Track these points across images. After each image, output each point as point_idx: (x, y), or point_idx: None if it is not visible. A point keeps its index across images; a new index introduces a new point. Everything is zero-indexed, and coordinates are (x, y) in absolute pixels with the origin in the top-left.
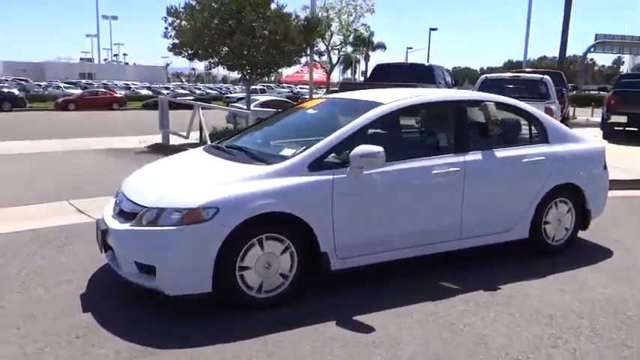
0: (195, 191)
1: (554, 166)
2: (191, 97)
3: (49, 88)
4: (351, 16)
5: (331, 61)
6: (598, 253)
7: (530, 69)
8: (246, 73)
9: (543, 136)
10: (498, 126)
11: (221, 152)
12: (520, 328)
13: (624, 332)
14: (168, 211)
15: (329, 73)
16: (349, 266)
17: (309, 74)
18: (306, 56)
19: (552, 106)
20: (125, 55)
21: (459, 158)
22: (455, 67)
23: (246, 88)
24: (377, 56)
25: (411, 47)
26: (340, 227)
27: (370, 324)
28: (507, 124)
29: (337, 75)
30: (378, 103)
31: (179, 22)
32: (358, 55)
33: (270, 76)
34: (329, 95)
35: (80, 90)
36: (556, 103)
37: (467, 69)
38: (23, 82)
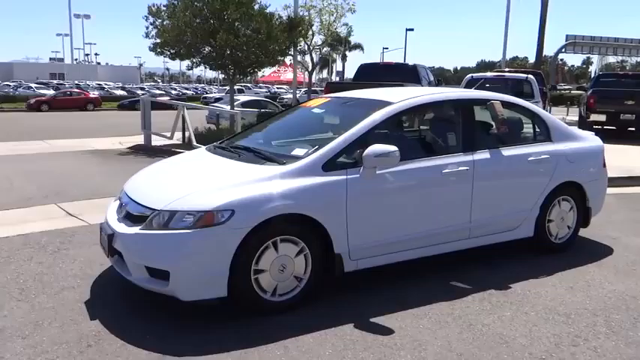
0: (209, 193)
1: (558, 164)
2: (167, 98)
3: (20, 89)
4: (332, 15)
5: (313, 60)
6: (598, 250)
7: (508, 69)
8: (229, 73)
9: (547, 135)
10: (505, 124)
11: (227, 152)
12: (538, 327)
13: None
14: (180, 214)
15: (311, 73)
16: (362, 267)
17: (293, 73)
18: (288, 55)
19: (537, 106)
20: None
21: (468, 157)
22: (429, 67)
23: (229, 88)
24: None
25: (387, 47)
26: (354, 228)
27: (389, 325)
28: (512, 122)
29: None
30: (387, 102)
31: (161, 21)
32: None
33: (253, 75)
34: (332, 95)
35: (52, 90)
36: (540, 102)
37: (441, 68)
38: None
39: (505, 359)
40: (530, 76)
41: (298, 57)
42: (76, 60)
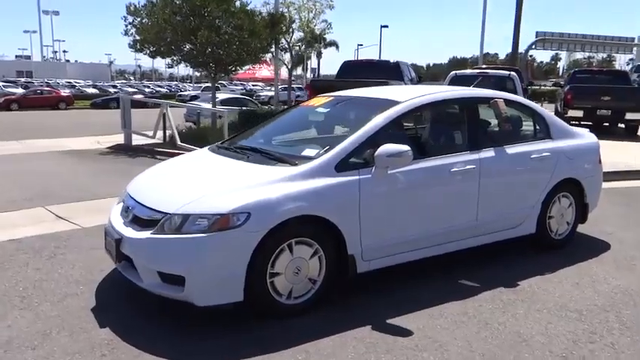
0: (222, 196)
1: (559, 161)
2: (141, 96)
3: None
4: (311, 12)
5: (292, 57)
6: (596, 245)
7: (485, 65)
8: (211, 70)
9: (547, 132)
10: (507, 122)
11: (233, 153)
12: (553, 324)
13: None
14: (193, 218)
15: (291, 70)
16: (374, 268)
17: (274, 71)
18: (269, 53)
19: None
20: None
21: (474, 155)
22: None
23: (211, 85)
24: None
25: (361, 44)
26: (367, 228)
27: (406, 327)
28: (514, 120)
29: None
30: (395, 101)
31: (140, 19)
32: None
33: (234, 73)
34: (334, 93)
35: (21, 89)
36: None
37: (414, 65)
38: None
39: (527, 358)
40: (512, 73)
41: (282, 53)
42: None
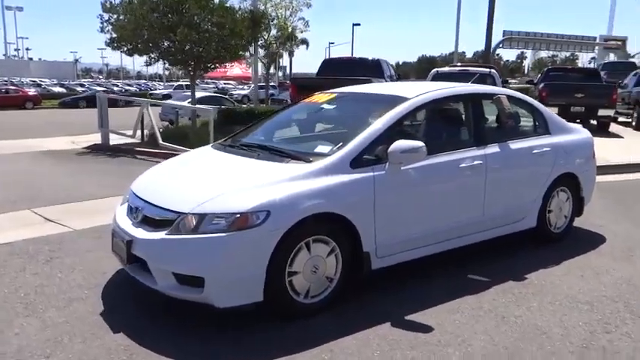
0: (239, 194)
1: (558, 156)
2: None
3: None
4: (288, 10)
5: (270, 55)
6: (591, 238)
7: (460, 63)
8: (190, 69)
9: (545, 128)
10: (511, 118)
11: (241, 151)
12: (568, 316)
13: None
14: (210, 217)
15: (268, 68)
16: (387, 265)
17: (254, 69)
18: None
19: None
20: (28, 49)
21: (481, 151)
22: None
23: (191, 84)
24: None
25: (332, 42)
26: (381, 225)
27: (425, 322)
28: (515, 116)
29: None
30: (404, 97)
31: (116, 16)
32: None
33: (213, 70)
34: (337, 90)
35: None
36: None
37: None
38: None
39: (549, 350)
40: (493, 70)
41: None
42: (4, 55)
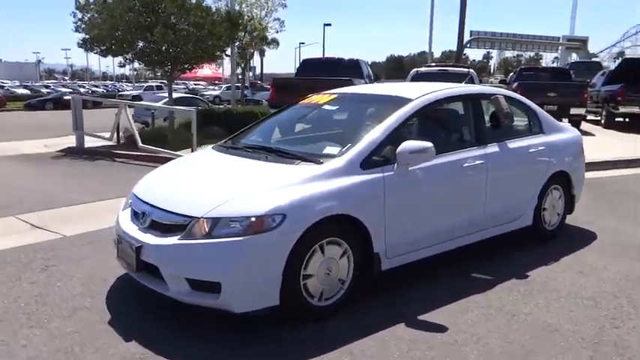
0: (253, 197)
1: (552, 154)
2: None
3: None
4: (263, 10)
5: (246, 56)
6: (582, 235)
7: (435, 63)
8: (166, 69)
9: (539, 127)
10: (508, 118)
11: (246, 153)
12: (575, 312)
13: None
14: (224, 221)
15: (244, 69)
16: (396, 265)
17: (232, 69)
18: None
19: None
20: None
21: (482, 151)
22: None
23: (168, 85)
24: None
25: (303, 42)
26: (391, 226)
27: (438, 322)
28: (512, 116)
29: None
30: (407, 98)
31: (90, 15)
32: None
33: (190, 71)
34: (336, 90)
35: None
36: None
37: None
38: None
39: (564, 346)
40: (471, 70)
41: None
42: None
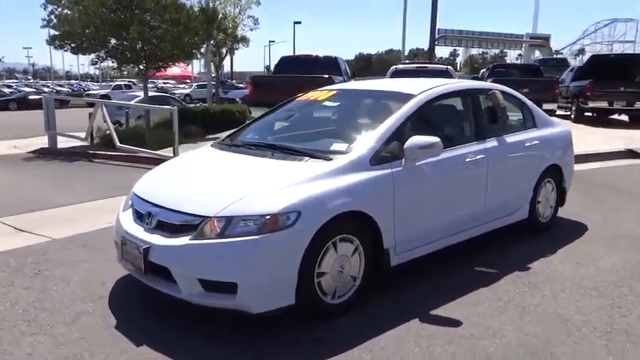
0: (267, 195)
1: (545, 148)
2: (38, 97)
3: None
4: (236, 7)
5: (220, 54)
6: (574, 227)
7: (408, 60)
8: (141, 67)
9: (533, 122)
10: (505, 113)
11: (250, 150)
12: (582, 303)
13: None
14: (237, 220)
15: (218, 67)
16: (404, 261)
17: (207, 67)
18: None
19: None
20: None
21: (482, 145)
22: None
23: (143, 83)
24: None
25: (273, 40)
26: (400, 222)
27: (451, 316)
28: (507, 111)
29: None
30: (410, 94)
31: (60, 10)
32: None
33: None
34: (336, 87)
35: None
36: None
37: None
38: None
39: (578, 336)
40: (449, 67)
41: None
42: None
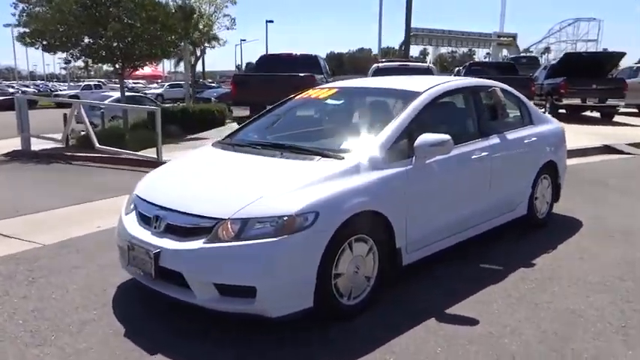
0: (283, 196)
1: (542, 145)
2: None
3: None
4: (212, 5)
5: (196, 53)
6: (569, 222)
7: (385, 59)
8: (118, 66)
9: (530, 119)
10: (505, 110)
11: (258, 150)
12: (591, 298)
13: None
14: (253, 222)
15: (194, 65)
16: (414, 260)
17: (184, 66)
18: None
19: None
20: None
21: (485, 142)
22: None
23: (119, 83)
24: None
25: (244, 39)
26: (411, 221)
27: (467, 315)
28: (506, 108)
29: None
30: (416, 91)
31: (31, 7)
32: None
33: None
34: (338, 84)
35: None
36: None
37: None
38: None
39: (595, 332)
40: (431, 65)
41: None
42: None
